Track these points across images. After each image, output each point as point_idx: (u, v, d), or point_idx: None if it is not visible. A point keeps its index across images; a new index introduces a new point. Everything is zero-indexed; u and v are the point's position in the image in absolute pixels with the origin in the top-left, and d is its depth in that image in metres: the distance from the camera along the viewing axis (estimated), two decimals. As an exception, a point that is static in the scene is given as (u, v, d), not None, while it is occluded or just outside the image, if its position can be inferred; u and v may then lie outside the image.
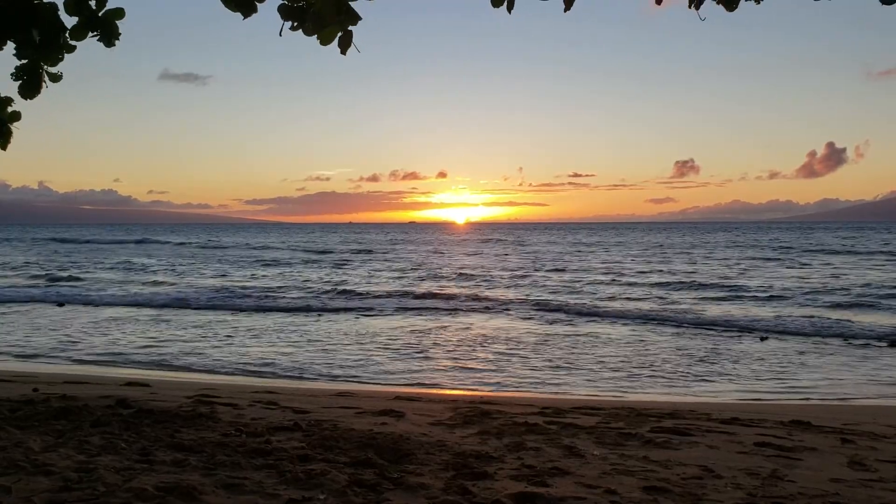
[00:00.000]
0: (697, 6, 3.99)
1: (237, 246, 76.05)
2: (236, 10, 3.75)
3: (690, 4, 3.99)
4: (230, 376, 12.15)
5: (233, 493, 4.53)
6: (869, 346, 15.61)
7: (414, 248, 71.10)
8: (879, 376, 12.45)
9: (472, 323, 19.52)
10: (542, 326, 18.75)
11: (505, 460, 5.50)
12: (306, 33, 3.75)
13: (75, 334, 16.89)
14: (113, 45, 3.99)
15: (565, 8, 4.01)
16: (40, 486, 4.49)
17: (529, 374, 12.53)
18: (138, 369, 12.65)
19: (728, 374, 12.51)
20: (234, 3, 3.71)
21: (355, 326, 18.62)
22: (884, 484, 5.21)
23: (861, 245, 63.49)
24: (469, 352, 14.75)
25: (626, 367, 13.16)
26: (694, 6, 3.99)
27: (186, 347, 15.19)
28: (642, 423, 7.22)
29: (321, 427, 6.52)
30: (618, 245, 74.14)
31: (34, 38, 3.92)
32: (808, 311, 21.74)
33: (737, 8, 3.98)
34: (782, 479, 5.23)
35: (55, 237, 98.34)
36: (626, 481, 5.02)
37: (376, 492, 4.61)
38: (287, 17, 3.72)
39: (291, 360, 13.62)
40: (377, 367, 13.03)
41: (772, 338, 16.59)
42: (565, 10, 4.03)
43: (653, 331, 17.94)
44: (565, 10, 4.03)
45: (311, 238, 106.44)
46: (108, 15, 3.98)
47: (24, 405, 7.07)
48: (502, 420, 7.13)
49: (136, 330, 17.77)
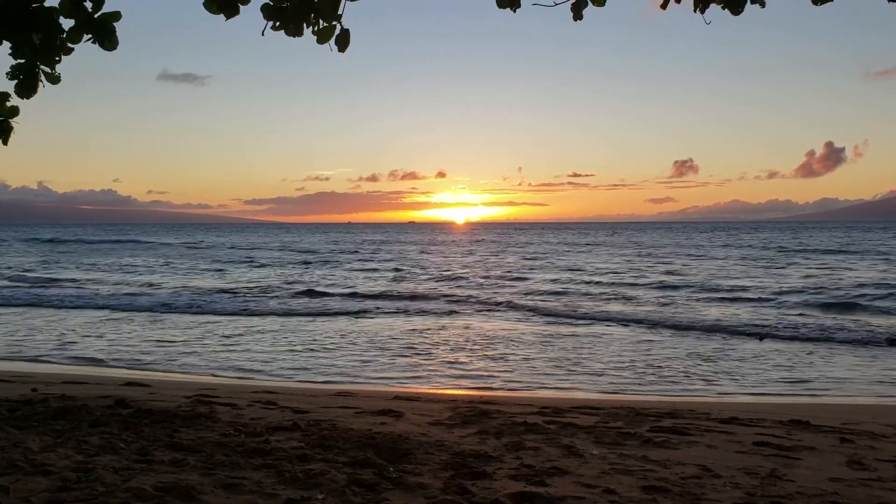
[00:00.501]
0: (703, 10, 3.99)
1: (217, 246, 77.12)
2: (218, 13, 3.75)
3: (696, 9, 3.99)
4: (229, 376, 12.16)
5: (232, 492, 4.53)
6: (868, 345, 15.62)
7: (401, 249, 71.13)
8: (879, 375, 12.45)
9: (469, 323, 19.53)
10: (540, 326, 18.75)
11: (504, 460, 5.50)
12: (288, 34, 3.75)
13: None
14: (111, 48, 3.98)
15: (574, 17, 4.00)
16: (39, 486, 4.49)
17: (528, 373, 12.52)
18: (138, 369, 12.64)
19: (727, 374, 12.50)
20: (216, 5, 3.71)
21: (341, 327, 18.62)
22: (883, 483, 5.22)
23: (857, 245, 63.52)
24: (467, 352, 14.75)
25: (625, 366, 13.16)
26: (699, 10, 3.99)
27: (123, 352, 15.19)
28: (641, 423, 7.22)
29: (320, 427, 6.52)
30: (617, 244, 74.16)
31: (33, 39, 3.91)
32: (806, 310, 21.77)
33: (743, 11, 3.96)
34: (781, 479, 5.23)
35: (37, 238, 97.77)
36: (624, 481, 5.03)
37: (375, 491, 4.61)
38: (269, 16, 3.72)
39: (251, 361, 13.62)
40: (376, 367, 13.03)
41: (770, 337, 16.58)
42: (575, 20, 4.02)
43: (651, 330, 17.94)
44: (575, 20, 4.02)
45: (302, 238, 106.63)
46: (105, 17, 3.97)
47: (22, 405, 7.07)
48: (501, 420, 7.13)
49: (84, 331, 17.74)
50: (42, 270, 40.40)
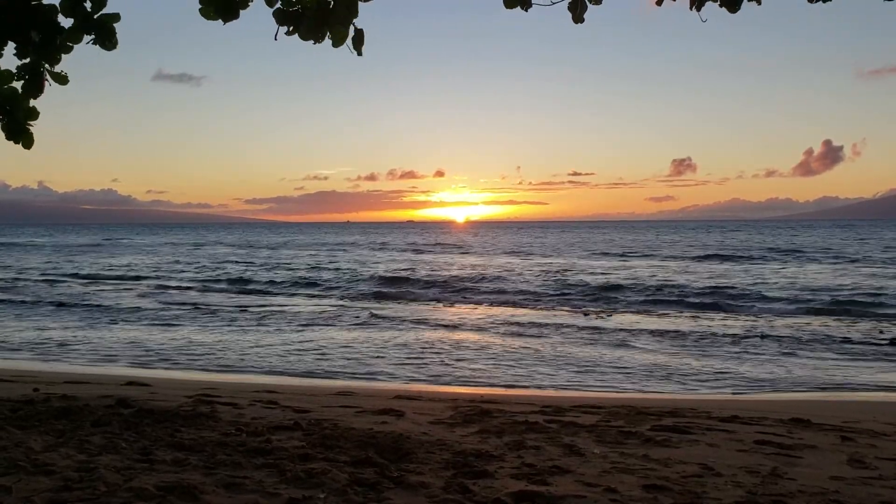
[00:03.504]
0: (699, 8, 3.99)
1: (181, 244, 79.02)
2: (215, 18, 3.75)
3: (692, 6, 3.98)
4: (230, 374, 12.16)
5: (233, 492, 4.53)
6: (869, 343, 15.61)
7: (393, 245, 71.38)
8: (879, 374, 12.45)
9: (467, 322, 19.54)
10: (538, 326, 18.74)
11: (505, 459, 5.50)
12: (302, 37, 3.75)
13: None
14: (111, 48, 3.99)
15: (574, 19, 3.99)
16: (41, 486, 4.49)
17: (528, 372, 12.53)
18: (139, 369, 12.65)
19: (728, 373, 12.51)
20: (213, 9, 3.71)
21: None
22: (883, 482, 5.22)
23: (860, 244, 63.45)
24: (467, 350, 14.75)
25: (625, 365, 13.17)
26: (695, 8, 3.99)
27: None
28: (642, 422, 7.23)
29: (321, 426, 6.52)
30: (616, 244, 74.11)
31: (34, 38, 3.94)
32: (806, 310, 21.77)
33: (739, 9, 3.96)
34: (782, 477, 5.23)
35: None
36: (626, 479, 5.03)
37: (376, 490, 4.61)
38: (282, 22, 3.73)
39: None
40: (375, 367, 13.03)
41: (771, 336, 16.57)
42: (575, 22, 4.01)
43: (650, 329, 17.93)
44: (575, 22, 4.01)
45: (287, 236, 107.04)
46: (104, 18, 3.99)
47: (24, 405, 7.08)
48: (502, 419, 7.13)
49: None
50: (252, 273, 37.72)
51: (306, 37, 3.73)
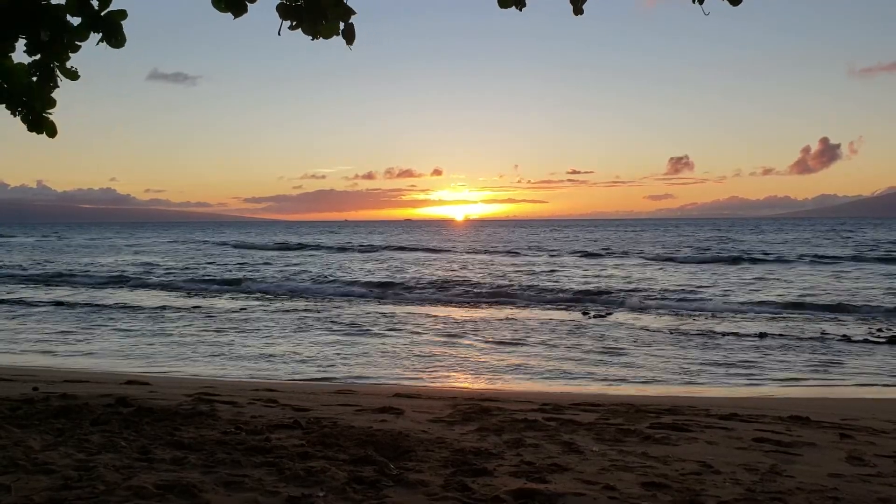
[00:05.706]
0: (701, 1, 3.98)
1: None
2: (226, 11, 3.75)
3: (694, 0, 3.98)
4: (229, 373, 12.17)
5: (232, 490, 4.54)
6: (867, 341, 15.63)
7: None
8: (879, 372, 12.47)
9: (467, 318, 19.54)
10: (537, 325, 18.76)
11: (504, 457, 5.51)
12: (305, 32, 3.76)
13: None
14: (118, 45, 4.00)
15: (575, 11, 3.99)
16: (40, 485, 4.50)
17: (528, 371, 12.54)
18: (139, 368, 12.65)
19: (727, 371, 12.52)
20: (224, 3, 3.72)
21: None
22: (882, 479, 5.23)
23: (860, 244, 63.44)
24: (466, 349, 14.76)
25: (624, 363, 13.19)
26: (697, 1, 3.98)
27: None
28: (641, 419, 7.24)
29: (321, 424, 6.53)
30: (615, 243, 74.12)
31: (42, 36, 3.97)
32: (806, 309, 21.77)
33: (741, 2, 3.94)
34: (781, 475, 5.24)
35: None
36: (624, 477, 5.04)
37: (376, 489, 4.62)
38: (286, 16, 3.73)
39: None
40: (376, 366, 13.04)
41: (770, 335, 16.59)
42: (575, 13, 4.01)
43: (650, 328, 17.96)
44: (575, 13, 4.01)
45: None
46: (111, 15, 4.00)
47: (23, 404, 7.08)
48: (501, 417, 7.14)
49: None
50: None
51: (309, 30, 3.74)
